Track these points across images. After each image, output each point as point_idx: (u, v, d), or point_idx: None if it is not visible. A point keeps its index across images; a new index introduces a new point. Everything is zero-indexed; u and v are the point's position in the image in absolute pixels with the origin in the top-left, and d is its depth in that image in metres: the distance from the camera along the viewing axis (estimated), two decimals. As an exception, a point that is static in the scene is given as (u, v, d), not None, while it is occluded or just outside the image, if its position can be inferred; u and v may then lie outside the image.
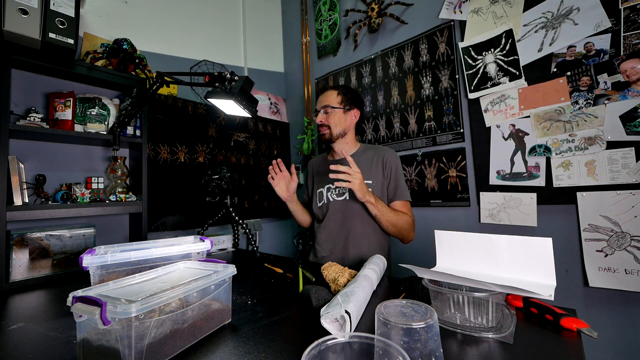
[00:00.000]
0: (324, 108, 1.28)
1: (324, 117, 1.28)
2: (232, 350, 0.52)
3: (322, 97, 1.32)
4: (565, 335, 0.52)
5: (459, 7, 1.56)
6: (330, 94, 1.31)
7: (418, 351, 0.38)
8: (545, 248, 0.59)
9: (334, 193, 1.28)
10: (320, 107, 1.30)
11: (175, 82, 1.09)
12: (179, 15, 1.91)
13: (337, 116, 1.28)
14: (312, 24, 2.37)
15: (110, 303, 0.42)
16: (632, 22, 1.12)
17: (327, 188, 1.31)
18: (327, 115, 1.28)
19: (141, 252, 0.75)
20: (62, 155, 1.35)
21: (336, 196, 1.27)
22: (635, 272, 1.11)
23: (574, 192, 1.24)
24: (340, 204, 1.26)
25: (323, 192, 1.32)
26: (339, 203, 1.26)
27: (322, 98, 1.32)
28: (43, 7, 1.04)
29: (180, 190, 1.75)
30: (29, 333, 0.63)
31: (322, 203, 1.32)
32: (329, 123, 1.27)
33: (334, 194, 1.28)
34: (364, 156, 1.29)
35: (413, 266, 0.62)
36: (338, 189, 1.27)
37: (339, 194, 1.27)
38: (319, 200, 1.33)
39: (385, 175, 1.24)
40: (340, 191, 1.26)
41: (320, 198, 1.33)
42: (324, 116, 1.28)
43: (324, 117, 1.28)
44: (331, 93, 1.31)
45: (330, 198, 1.29)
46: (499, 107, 1.44)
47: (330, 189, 1.30)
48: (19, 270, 1.06)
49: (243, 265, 1.18)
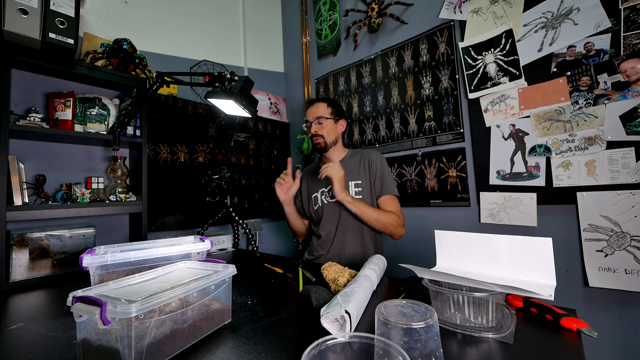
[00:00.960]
0: (318, 119, 1.37)
1: (318, 128, 1.37)
2: (232, 350, 0.52)
3: (313, 109, 1.41)
4: (565, 335, 0.52)
5: (459, 7, 1.56)
6: (321, 106, 1.40)
7: (418, 351, 0.38)
8: (545, 248, 0.59)
9: (327, 196, 1.38)
10: (313, 118, 1.38)
11: (175, 82, 1.09)
12: (179, 15, 1.91)
13: (329, 126, 1.38)
14: (312, 24, 2.37)
15: (110, 303, 0.42)
16: (632, 22, 1.12)
17: (321, 192, 1.41)
18: (321, 126, 1.37)
19: (141, 252, 0.75)
20: (62, 155, 1.35)
21: (330, 198, 1.37)
22: (635, 272, 1.11)
23: (574, 192, 1.24)
24: (333, 205, 1.35)
25: (317, 197, 1.42)
26: (332, 204, 1.35)
27: (312, 110, 1.41)
28: (43, 7, 1.04)
29: (180, 190, 1.75)
30: (29, 333, 0.63)
31: (317, 206, 1.41)
32: (323, 133, 1.37)
33: (327, 196, 1.38)
34: (352, 160, 1.40)
35: (413, 266, 0.62)
36: (330, 192, 1.35)
37: (332, 196, 1.35)
38: (314, 204, 1.43)
39: (371, 174, 1.33)
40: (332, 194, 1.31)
41: (315, 202, 1.42)
42: (318, 126, 1.38)
43: (318, 128, 1.37)
44: (321, 105, 1.41)
45: (325, 200, 1.38)
46: (499, 107, 1.44)
47: (323, 192, 1.40)
48: (19, 270, 1.06)
49: (243, 265, 1.18)
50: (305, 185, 1.53)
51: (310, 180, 1.51)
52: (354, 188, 1.34)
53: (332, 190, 1.23)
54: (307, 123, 1.42)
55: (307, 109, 1.45)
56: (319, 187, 1.43)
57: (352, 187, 1.34)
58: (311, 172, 1.53)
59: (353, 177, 1.35)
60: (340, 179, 1.20)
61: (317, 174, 1.42)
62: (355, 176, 1.35)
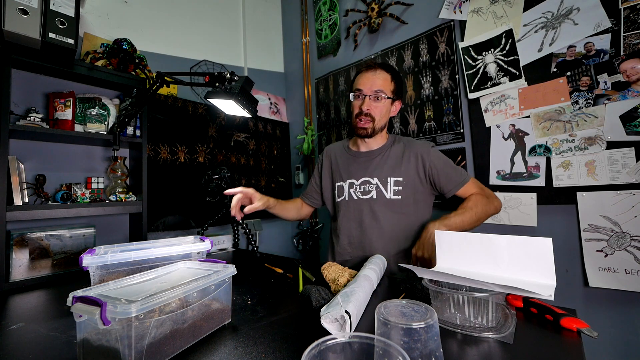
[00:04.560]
0: (376, 93, 1.04)
1: (373, 106, 1.05)
2: (232, 350, 0.52)
3: (372, 78, 1.05)
4: (565, 335, 0.52)
5: (459, 7, 1.56)
6: (384, 78, 1.06)
7: (418, 351, 0.38)
8: (545, 248, 0.59)
9: (358, 190, 1.12)
10: (370, 91, 1.04)
11: (175, 82, 1.09)
12: (179, 15, 1.91)
13: (385, 107, 1.07)
14: (312, 24, 2.37)
15: (110, 303, 0.42)
16: (632, 22, 1.12)
17: (350, 184, 1.14)
18: (377, 104, 1.05)
19: (141, 252, 0.75)
20: (62, 155, 1.35)
21: (360, 194, 1.11)
22: (635, 272, 1.11)
23: (574, 192, 1.24)
24: (364, 202, 1.09)
25: (344, 187, 1.15)
26: (363, 202, 1.10)
27: (371, 78, 1.05)
28: (43, 7, 1.04)
29: (180, 190, 1.75)
30: (29, 333, 0.63)
31: (342, 199, 1.15)
32: (376, 115, 1.05)
33: (359, 191, 1.11)
34: (393, 149, 1.12)
35: (413, 266, 0.62)
36: (363, 186, 1.10)
37: (364, 191, 1.10)
38: (338, 195, 1.17)
39: (426, 176, 1.07)
40: (365, 189, 1.10)
41: (341, 193, 1.16)
42: (374, 104, 1.05)
43: (373, 106, 1.05)
44: (385, 77, 1.06)
45: (354, 196, 1.12)
46: (499, 107, 1.44)
47: (353, 185, 1.13)
48: (19, 270, 1.06)
49: (243, 265, 1.18)
50: (327, 168, 1.24)
51: (334, 164, 1.22)
52: (393, 186, 1.06)
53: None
54: (357, 92, 1.07)
55: (362, 74, 1.08)
56: (347, 177, 1.15)
57: (391, 185, 1.07)
58: (338, 155, 1.23)
59: (394, 171, 1.08)
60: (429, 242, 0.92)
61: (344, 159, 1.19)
62: (397, 171, 1.07)
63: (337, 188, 1.18)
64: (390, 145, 1.14)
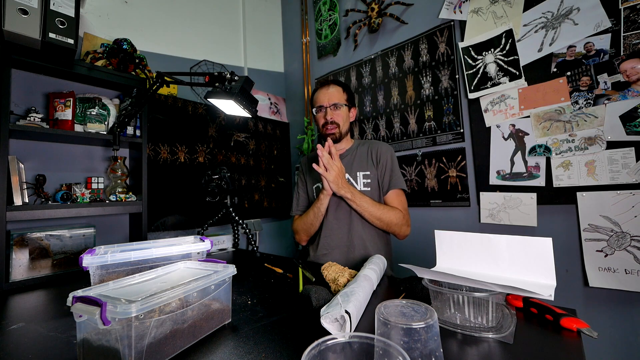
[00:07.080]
0: (334, 105, 1.21)
1: (335, 115, 1.21)
2: (232, 350, 0.52)
3: (328, 93, 1.23)
4: (565, 335, 0.52)
5: (459, 7, 1.56)
6: (337, 90, 1.24)
7: (418, 351, 0.38)
8: (545, 248, 0.59)
9: None
10: (328, 103, 1.22)
11: (175, 82, 1.09)
12: (179, 15, 1.91)
13: (345, 114, 1.24)
14: (312, 24, 2.37)
15: (110, 303, 0.42)
16: (632, 22, 1.12)
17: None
18: (338, 112, 1.22)
19: (141, 252, 0.75)
20: (62, 155, 1.35)
21: None
22: (635, 272, 1.11)
23: (574, 192, 1.24)
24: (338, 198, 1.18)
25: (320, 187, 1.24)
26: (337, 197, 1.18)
27: (327, 94, 1.24)
28: (43, 7, 1.04)
29: (180, 190, 1.75)
30: (29, 333, 0.63)
31: None
32: (339, 121, 1.22)
33: None
34: (359, 150, 1.28)
35: (413, 266, 0.62)
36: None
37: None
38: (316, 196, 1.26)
39: (379, 167, 1.22)
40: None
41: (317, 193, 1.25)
42: (335, 113, 1.22)
43: (335, 115, 1.21)
44: (337, 89, 1.24)
45: None
46: (499, 107, 1.44)
47: None
48: (19, 270, 1.06)
49: (243, 265, 1.18)
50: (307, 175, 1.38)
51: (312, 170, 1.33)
52: (362, 179, 1.22)
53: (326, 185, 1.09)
54: (318, 108, 1.24)
55: (318, 92, 1.26)
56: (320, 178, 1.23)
57: (360, 178, 1.22)
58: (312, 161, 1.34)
59: (361, 167, 1.23)
60: (335, 178, 1.06)
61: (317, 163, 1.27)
62: (364, 166, 1.23)
63: (315, 190, 1.33)
64: (356, 147, 1.30)
